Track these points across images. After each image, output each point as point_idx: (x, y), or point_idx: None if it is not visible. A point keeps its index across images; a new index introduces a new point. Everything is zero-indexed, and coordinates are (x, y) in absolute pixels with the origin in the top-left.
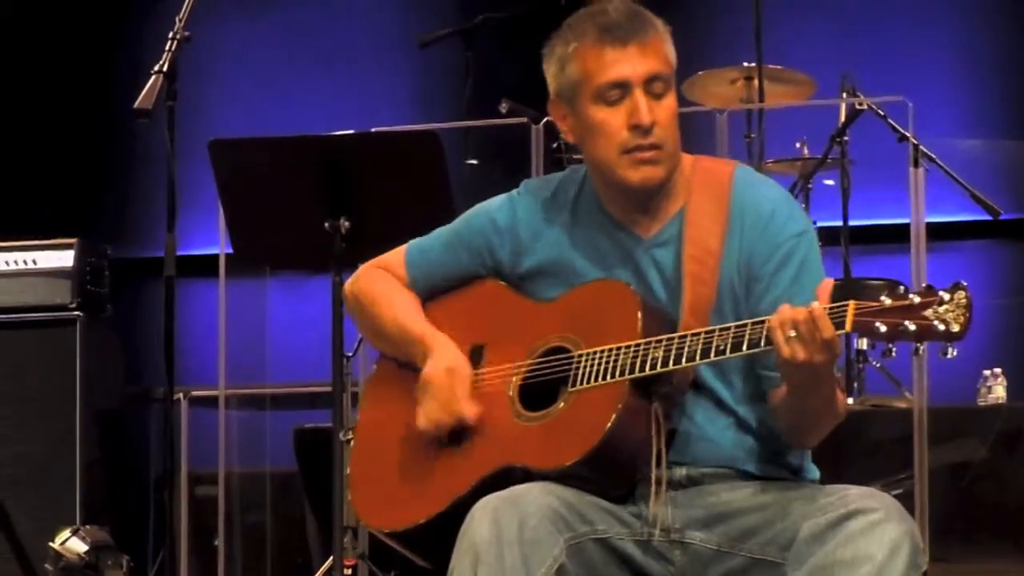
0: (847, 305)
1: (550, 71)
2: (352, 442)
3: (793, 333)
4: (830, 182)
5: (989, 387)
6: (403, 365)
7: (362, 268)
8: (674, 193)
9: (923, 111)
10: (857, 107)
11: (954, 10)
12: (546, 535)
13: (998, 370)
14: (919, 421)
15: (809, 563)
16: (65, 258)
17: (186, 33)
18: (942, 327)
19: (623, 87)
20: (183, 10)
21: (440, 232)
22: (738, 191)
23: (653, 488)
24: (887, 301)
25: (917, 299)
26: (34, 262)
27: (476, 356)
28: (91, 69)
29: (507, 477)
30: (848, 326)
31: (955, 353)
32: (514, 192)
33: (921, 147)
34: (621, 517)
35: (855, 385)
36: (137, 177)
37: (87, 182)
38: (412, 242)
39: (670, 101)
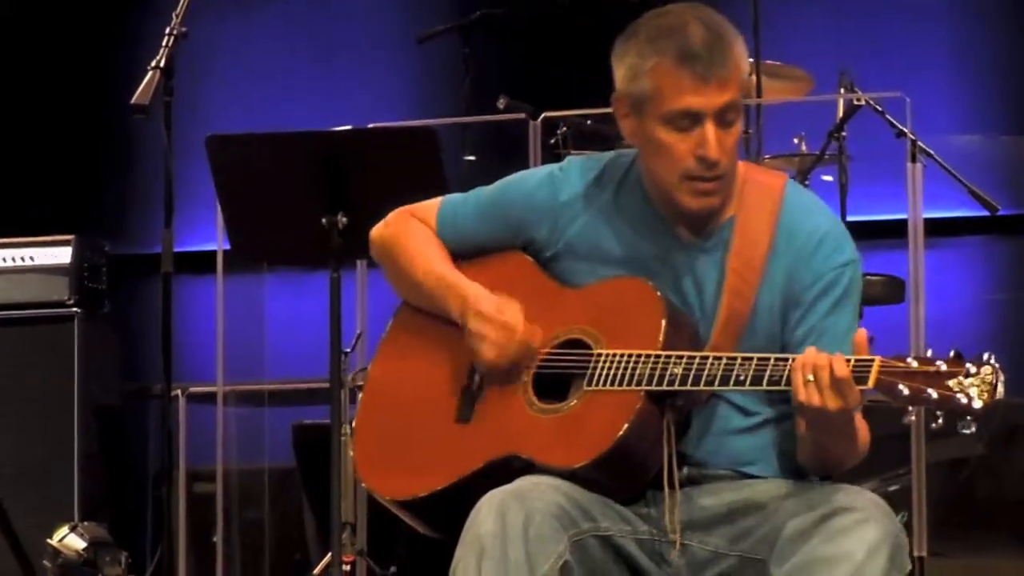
0: (872, 361)
1: (619, 73)
2: (361, 395)
3: (811, 377)
4: (828, 178)
5: None
6: (423, 320)
7: (392, 214)
8: (727, 197)
9: (921, 107)
10: (855, 103)
11: (952, 6)
12: (551, 532)
13: (996, 366)
14: (917, 417)
15: (791, 561)
16: (63, 255)
17: (183, 29)
18: (964, 400)
19: (695, 118)
20: (180, 6)
21: (477, 195)
22: (788, 211)
23: (667, 498)
24: (913, 364)
25: (944, 366)
26: (32, 259)
27: None
28: (89, 65)
29: (511, 465)
30: (871, 383)
31: (973, 429)
32: (556, 168)
33: (919, 143)
34: (624, 515)
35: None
36: (135, 173)
37: (85, 178)
38: (447, 199)
39: (738, 127)
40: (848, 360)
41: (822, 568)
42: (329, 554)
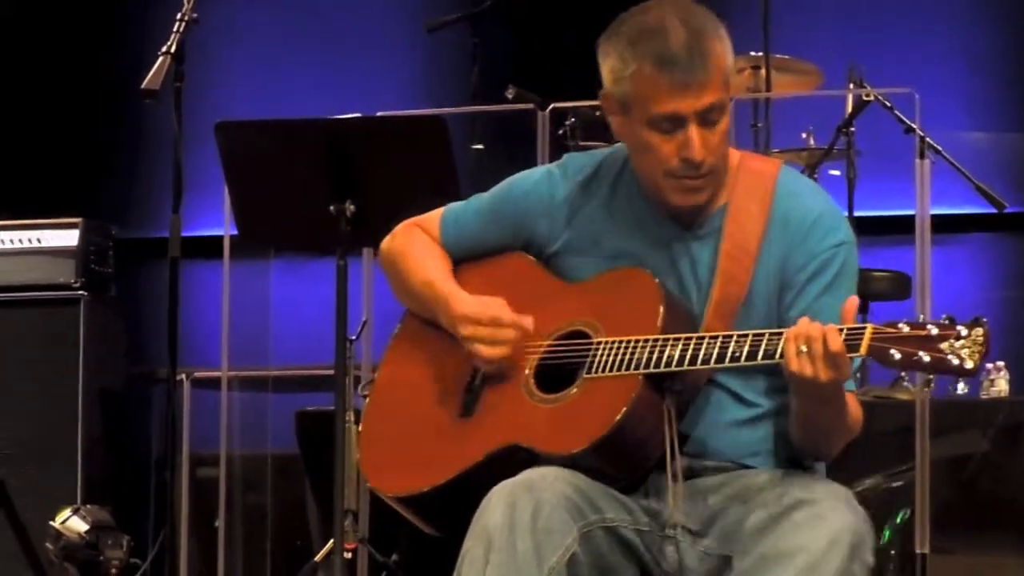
0: (865, 328)
1: (604, 73)
2: (367, 399)
3: (804, 348)
4: (836, 172)
5: (992, 380)
6: (428, 325)
7: (400, 226)
8: (717, 189)
9: (930, 103)
10: (864, 98)
11: (962, 2)
12: (560, 523)
13: (1001, 363)
14: (921, 413)
15: (753, 554)
16: (70, 237)
17: (194, 15)
18: (956, 362)
19: (678, 121)
20: None
21: (477, 200)
22: (781, 195)
23: (670, 486)
24: (904, 329)
25: (935, 330)
26: (39, 241)
27: None
28: (99, 49)
29: (513, 456)
30: (863, 350)
31: (966, 389)
32: (554, 166)
33: (927, 139)
34: (627, 505)
35: (858, 376)
36: (143, 158)
37: (93, 162)
38: (449, 206)
39: (724, 123)
40: (841, 329)
41: (780, 562)
42: (331, 541)
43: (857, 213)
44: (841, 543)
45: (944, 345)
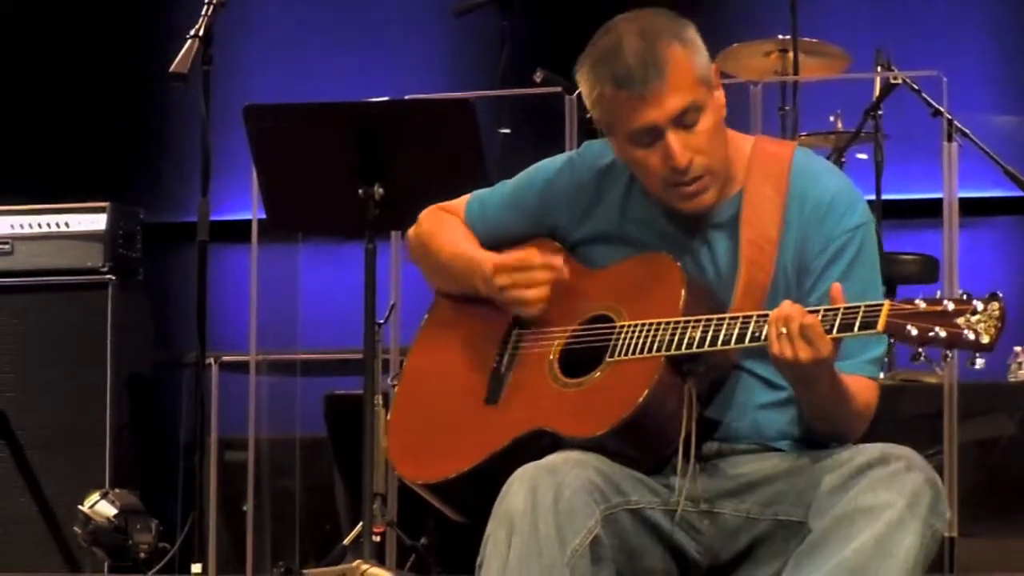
0: (881, 305)
1: (583, 96)
2: (396, 386)
3: (784, 330)
4: (863, 156)
5: (1019, 363)
6: (456, 310)
7: (424, 212)
8: (732, 175)
9: (957, 86)
10: (891, 81)
11: None
12: (581, 506)
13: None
14: (949, 396)
15: (831, 513)
16: (98, 221)
17: None
18: (972, 336)
19: (653, 132)
20: None
21: (502, 187)
22: (797, 177)
23: (680, 464)
24: (921, 305)
25: (951, 306)
26: (67, 225)
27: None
28: (127, 32)
29: (538, 440)
30: (880, 326)
31: (983, 364)
32: (574, 154)
33: (955, 122)
34: (652, 487)
35: (885, 360)
36: (171, 141)
37: (121, 145)
38: (475, 193)
39: (706, 122)
40: (858, 306)
41: (864, 517)
42: (360, 524)
43: (885, 196)
44: (923, 498)
45: (960, 320)
